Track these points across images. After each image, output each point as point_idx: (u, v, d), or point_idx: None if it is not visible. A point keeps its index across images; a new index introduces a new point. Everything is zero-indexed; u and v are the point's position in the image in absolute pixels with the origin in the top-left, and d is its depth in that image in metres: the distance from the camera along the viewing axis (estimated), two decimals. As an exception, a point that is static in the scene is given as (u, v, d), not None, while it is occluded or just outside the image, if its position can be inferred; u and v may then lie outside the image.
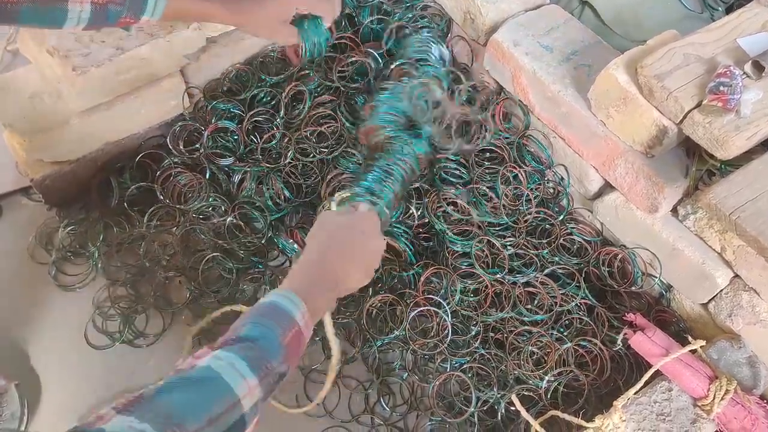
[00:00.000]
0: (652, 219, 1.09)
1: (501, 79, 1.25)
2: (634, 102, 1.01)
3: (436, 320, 1.15)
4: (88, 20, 0.90)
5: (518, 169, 1.21)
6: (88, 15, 0.89)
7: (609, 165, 1.11)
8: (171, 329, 1.24)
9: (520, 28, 1.20)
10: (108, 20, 0.91)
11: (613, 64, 1.02)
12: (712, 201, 0.94)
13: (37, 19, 0.87)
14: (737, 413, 0.97)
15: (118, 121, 1.27)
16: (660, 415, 0.99)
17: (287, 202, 1.28)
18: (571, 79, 1.13)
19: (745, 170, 0.97)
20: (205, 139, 1.27)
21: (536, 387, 1.11)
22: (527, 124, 1.24)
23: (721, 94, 0.92)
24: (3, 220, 1.35)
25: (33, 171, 1.26)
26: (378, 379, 1.18)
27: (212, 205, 1.26)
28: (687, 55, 0.99)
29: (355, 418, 1.16)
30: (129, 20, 0.93)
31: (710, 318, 1.11)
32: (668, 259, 1.11)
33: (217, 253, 1.24)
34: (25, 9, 0.85)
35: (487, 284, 1.16)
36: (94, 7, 0.89)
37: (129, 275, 1.27)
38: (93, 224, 1.31)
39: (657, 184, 1.04)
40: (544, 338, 1.12)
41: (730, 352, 1.05)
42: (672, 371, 1.01)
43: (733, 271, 1.04)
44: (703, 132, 0.94)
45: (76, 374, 1.18)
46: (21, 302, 1.25)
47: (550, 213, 1.22)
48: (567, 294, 1.16)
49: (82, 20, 0.89)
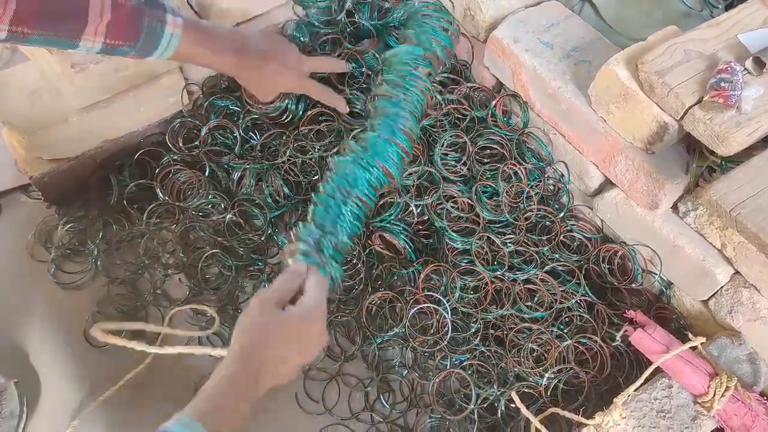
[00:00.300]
0: (653, 216, 1.09)
1: (501, 75, 1.25)
2: (634, 98, 1.00)
3: (436, 317, 1.15)
4: (98, 52, 0.93)
5: (518, 167, 1.21)
6: (98, 49, 0.93)
7: (609, 161, 1.11)
8: (171, 327, 1.23)
9: (520, 24, 1.20)
10: (116, 54, 0.95)
11: (613, 60, 1.02)
12: (713, 197, 0.94)
13: (47, 44, 0.90)
14: (738, 410, 0.97)
15: (117, 119, 1.27)
16: (660, 412, 0.99)
17: (287, 200, 1.27)
18: (571, 75, 1.13)
19: (746, 166, 0.97)
20: (204, 136, 1.27)
21: (536, 384, 1.10)
22: (526, 122, 1.24)
23: (722, 90, 0.92)
24: (2, 218, 1.35)
25: (32, 168, 1.25)
26: (378, 376, 1.18)
27: (212, 203, 1.26)
28: (688, 51, 0.99)
29: (354, 415, 1.16)
30: (137, 57, 0.97)
31: (710, 315, 1.11)
32: (668, 256, 1.11)
33: (217, 250, 1.23)
34: (35, 38, 0.87)
35: (487, 281, 1.15)
36: (104, 46, 0.92)
37: (128, 273, 1.26)
38: (92, 222, 1.31)
39: (657, 181, 1.04)
40: (544, 335, 1.12)
41: (730, 349, 1.05)
42: (672, 368, 1.01)
43: (733, 268, 1.04)
44: (704, 128, 0.94)
45: (75, 372, 1.17)
46: (20, 300, 1.25)
47: (551, 210, 1.21)
48: (567, 291, 1.16)
49: (92, 51, 0.93)
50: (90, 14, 0.89)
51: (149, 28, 0.94)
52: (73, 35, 0.89)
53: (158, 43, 0.96)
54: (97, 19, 0.89)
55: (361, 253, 1.19)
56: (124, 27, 0.92)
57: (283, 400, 1.16)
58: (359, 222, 1.01)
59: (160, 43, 0.96)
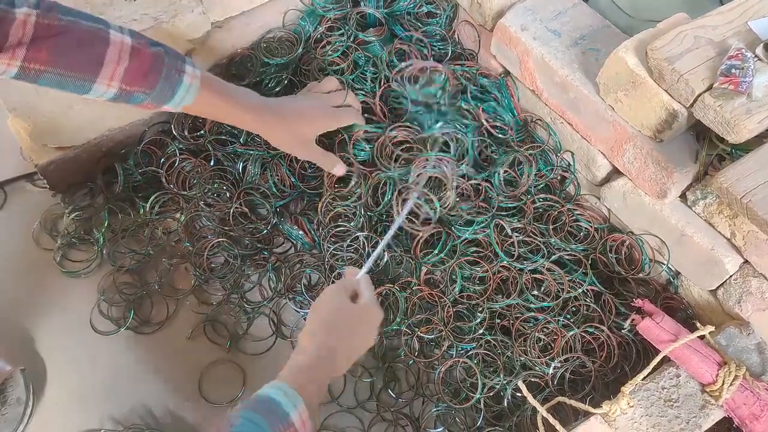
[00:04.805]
0: (661, 205, 1.09)
1: (508, 64, 1.24)
2: (643, 85, 0.99)
3: (441, 305, 1.15)
4: (111, 98, 0.92)
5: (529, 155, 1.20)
6: (112, 96, 0.92)
7: (617, 150, 1.10)
8: (176, 316, 1.23)
9: (527, 12, 1.19)
10: (129, 102, 0.94)
11: (622, 47, 1.01)
12: (724, 184, 0.93)
13: (58, 85, 0.88)
14: (746, 399, 0.96)
15: (123, 107, 1.25)
16: (668, 401, 0.98)
17: (292, 189, 1.27)
18: (579, 63, 1.12)
19: (757, 154, 0.96)
20: (210, 124, 1.26)
21: (543, 373, 1.10)
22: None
23: (733, 76, 0.91)
24: (7, 207, 1.34)
25: (37, 157, 1.25)
26: (384, 365, 1.18)
27: (217, 192, 1.26)
28: (698, 38, 0.98)
29: (360, 404, 1.16)
30: (152, 106, 0.96)
31: (718, 304, 1.10)
32: (676, 246, 1.10)
33: (223, 239, 1.23)
34: (48, 76, 0.86)
35: (494, 270, 1.15)
36: (120, 92, 0.91)
37: (134, 261, 1.26)
38: (98, 210, 1.31)
39: (666, 170, 1.03)
40: (551, 325, 1.11)
41: (738, 339, 1.04)
42: (680, 357, 1.00)
43: (742, 257, 1.03)
44: (714, 115, 0.93)
45: (81, 360, 1.18)
46: (26, 288, 1.25)
47: (557, 199, 1.21)
48: (574, 281, 1.15)
49: (105, 96, 0.92)
50: (108, 55, 0.88)
51: (167, 76, 0.93)
52: (88, 77, 0.88)
53: (175, 92, 0.95)
54: (114, 62, 0.89)
55: (366, 244, 1.19)
56: (142, 72, 0.91)
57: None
58: None
59: (177, 92, 0.95)
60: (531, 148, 1.22)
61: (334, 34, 1.30)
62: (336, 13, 1.29)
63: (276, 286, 1.24)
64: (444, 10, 1.33)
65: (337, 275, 1.19)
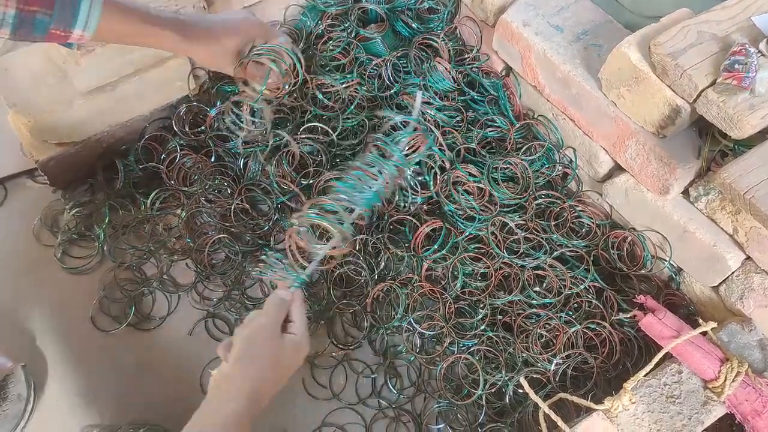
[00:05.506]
0: (663, 201, 1.08)
1: (510, 60, 1.24)
2: (646, 81, 0.99)
3: (442, 302, 1.14)
4: (12, 25, 0.83)
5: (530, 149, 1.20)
6: (12, 20, 0.82)
7: (619, 146, 1.10)
8: (177, 312, 1.23)
9: (529, 7, 1.19)
10: (35, 31, 0.85)
11: (625, 42, 1.00)
12: (726, 180, 0.93)
13: None
14: (748, 395, 0.96)
15: (123, 103, 1.26)
16: (670, 398, 0.98)
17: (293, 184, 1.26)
18: (581, 59, 1.12)
19: (760, 150, 0.95)
20: (211, 119, 1.26)
21: (545, 370, 1.10)
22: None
23: (736, 72, 0.91)
24: (8, 203, 1.34)
25: (38, 152, 1.25)
26: (385, 362, 1.18)
27: (218, 188, 1.25)
28: (701, 33, 0.98)
29: (362, 400, 1.15)
30: (59, 33, 0.86)
31: (720, 301, 1.10)
32: (679, 242, 1.10)
33: (224, 235, 1.23)
34: None
35: (495, 266, 1.15)
36: (19, 13, 0.82)
37: (135, 257, 1.26)
38: (98, 206, 1.30)
39: (669, 165, 1.03)
40: (553, 321, 1.11)
41: (740, 335, 1.04)
42: (683, 353, 1.00)
43: (744, 253, 1.03)
44: (717, 111, 0.93)
45: (81, 356, 1.17)
46: (27, 284, 1.24)
47: (559, 195, 1.21)
48: (576, 277, 1.15)
49: (5, 24, 0.82)
50: None
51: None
52: None
53: (78, 8, 0.85)
54: None
55: (368, 243, 1.19)
56: None
57: (291, 386, 1.15)
58: None
59: (80, 8, 0.85)
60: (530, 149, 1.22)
61: (336, 29, 1.29)
62: (337, 9, 1.28)
63: (276, 283, 1.24)
64: (445, 6, 1.32)
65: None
